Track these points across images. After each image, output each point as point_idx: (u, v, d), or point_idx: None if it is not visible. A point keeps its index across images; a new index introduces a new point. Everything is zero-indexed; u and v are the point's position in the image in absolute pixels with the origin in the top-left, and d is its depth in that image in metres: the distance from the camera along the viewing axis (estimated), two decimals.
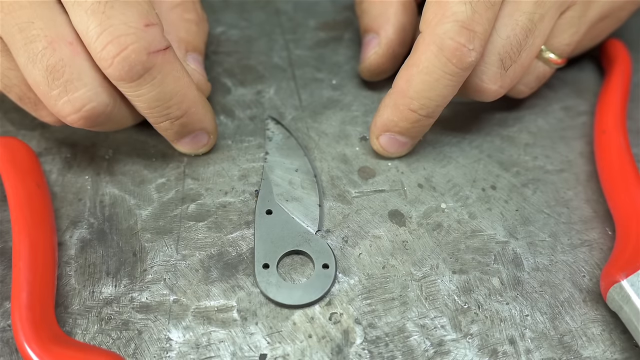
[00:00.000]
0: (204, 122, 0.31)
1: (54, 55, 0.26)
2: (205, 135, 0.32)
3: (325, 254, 0.28)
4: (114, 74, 0.26)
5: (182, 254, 0.29)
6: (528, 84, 0.33)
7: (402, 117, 0.30)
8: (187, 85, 0.28)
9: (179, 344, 0.26)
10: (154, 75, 0.26)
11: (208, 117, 0.31)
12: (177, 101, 0.28)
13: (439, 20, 0.27)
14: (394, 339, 0.26)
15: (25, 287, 0.25)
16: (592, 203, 0.32)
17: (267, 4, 0.43)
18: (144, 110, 0.28)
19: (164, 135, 0.31)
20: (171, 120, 0.29)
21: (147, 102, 0.27)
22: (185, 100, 0.28)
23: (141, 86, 0.27)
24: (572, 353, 0.26)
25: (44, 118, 0.30)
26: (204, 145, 0.32)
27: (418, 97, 0.29)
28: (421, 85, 0.29)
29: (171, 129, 0.30)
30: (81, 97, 0.27)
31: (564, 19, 0.31)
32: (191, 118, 0.30)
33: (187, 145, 0.32)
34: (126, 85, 0.26)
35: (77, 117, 0.27)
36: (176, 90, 0.28)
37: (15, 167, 0.29)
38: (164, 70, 0.27)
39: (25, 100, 0.29)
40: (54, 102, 0.27)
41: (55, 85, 0.26)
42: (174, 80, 0.27)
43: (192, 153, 0.32)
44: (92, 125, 0.28)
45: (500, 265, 0.29)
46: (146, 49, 0.26)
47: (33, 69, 0.26)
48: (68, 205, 0.31)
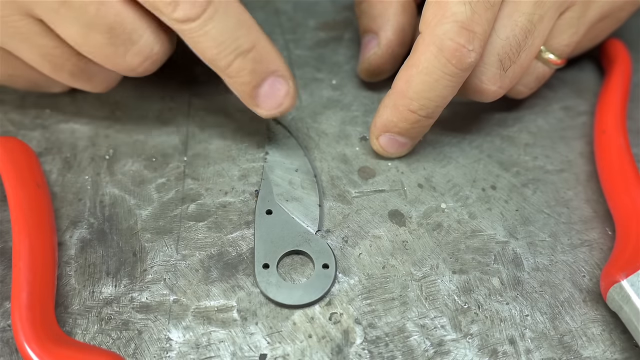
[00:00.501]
0: (277, 61, 0.29)
1: (109, 14, 0.26)
2: (282, 80, 0.29)
3: (325, 254, 0.29)
4: (179, 15, 0.26)
5: (182, 254, 0.29)
6: (527, 85, 0.33)
7: (401, 118, 0.30)
8: (250, 18, 0.28)
9: (179, 344, 0.26)
10: (216, 7, 0.26)
11: (279, 57, 0.29)
12: (244, 33, 0.27)
13: (439, 21, 0.27)
14: (394, 339, 0.26)
15: (25, 287, 0.25)
16: (592, 203, 0.32)
17: (267, 4, 0.43)
18: (214, 50, 0.27)
19: (239, 88, 0.29)
20: (243, 54, 0.28)
21: (215, 37, 0.27)
22: (252, 32, 0.28)
23: (207, 22, 0.26)
24: (572, 353, 0.26)
25: (98, 86, 0.31)
26: (285, 95, 0.29)
27: (418, 98, 0.29)
28: (421, 86, 0.29)
29: (245, 68, 0.28)
30: (147, 43, 0.28)
31: (563, 19, 0.31)
32: (262, 52, 0.28)
33: (268, 99, 0.29)
34: (193, 24, 0.26)
35: (148, 64, 0.28)
36: (241, 20, 0.27)
37: (15, 167, 0.29)
38: (225, 1, 0.27)
39: (78, 74, 0.30)
40: (122, 58, 0.28)
41: (119, 41, 0.27)
42: (236, 12, 0.27)
43: (276, 112, 0.30)
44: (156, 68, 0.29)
45: (500, 265, 0.29)
46: None
47: (91, 34, 0.27)
48: (68, 205, 0.31)
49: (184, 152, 0.33)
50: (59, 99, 0.35)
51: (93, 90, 0.31)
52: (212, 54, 0.28)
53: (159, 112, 0.35)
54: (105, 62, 0.28)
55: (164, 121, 0.35)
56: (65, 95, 0.35)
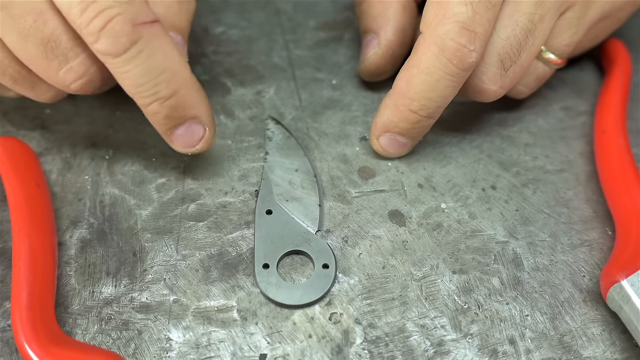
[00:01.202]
0: (197, 108, 0.28)
1: (47, 27, 0.25)
2: (199, 126, 0.29)
3: (325, 254, 0.29)
4: (100, 49, 0.25)
5: (182, 254, 0.29)
6: (528, 85, 0.33)
7: (402, 118, 0.30)
8: (178, 63, 0.27)
9: (179, 344, 0.26)
10: (140, 48, 0.25)
11: (202, 103, 0.28)
12: (165, 78, 0.26)
13: (440, 21, 0.27)
14: (394, 339, 0.26)
15: (25, 287, 0.25)
16: (592, 203, 0.32)
17: (267, 4, 0.43)
18: (132, 90, 0.26)
19: (155, 124, 0.28)
20: (160, 100, 0.27)
21: (135, 78, 0.26)
22: (175, 79, 0.27)
23: (128, 61, 0.25)
24: (572, 353, 0.26)
25: (41, 96, 0.29)
26: (200, 140, 0.29)
27: (418, 98, 0.29)
28: (421, 86, 0.29)
29: (160, 112, 0.27)
30: (83, 62, 0.27)
31: (564, 19, 0.31)
32: (182, 100, 0.27)
33: (182, 139, 0.29)
34: (113, 60, 0.25)
35: (81, 83, 0.27)
36: (165, 66, 0.26)
37: (15, 167, 0.29)
38: (151, 43, 0.25)
39: (21, 81, 0.28)
40: (55, 72, 0.26)
41: (53, 55, 0.26)
42: (163, 56, 0.26)
43: (189, 151, 0.29)
44: (93, 90, 0.28)
45: (500, 265, 0.29)
46: (131, 21, 0.25)
47: (27, 44, 0.26)
48: (68, 205, 0.31)
49: None
50: None
51: (37, 99, 0.30)
52: (130, 91, 0.27)
53: None
54: (41, 74, 0.27)
55: None
56: None
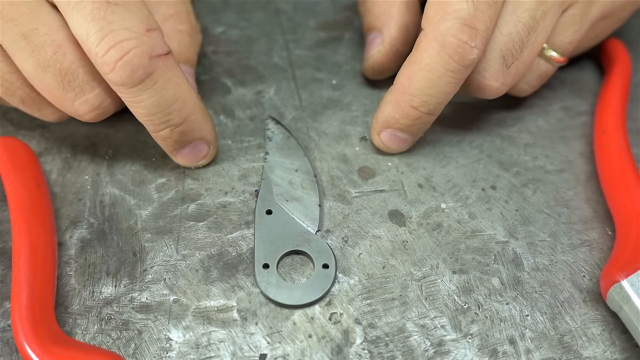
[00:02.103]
0: (204, 130, 0.30)
1: (66, 60, 0.26)
2: (205, 145, 0.31)
3: (325, 254, 0.29)
4: (115, 79, 0.26)
5: (182, 254, 0.29)
6: (530, 82, 0.33)
7: (403, 114, 0.30)
8: (188, 92, 0.28)
9: (179, 344, 0.26)
10: (155, 80, 0.26)
11: (208, 126, 0.30)
12: (177, 107, 0.28)
13: (441, 18, 0.27)
14: (394, 339, 0.26)
15: (25, 287, 0.25)
16: (592, 203, 0.32)
17: (267, 4, 0.43)
18: (144, 117, 0.28)
19: (162, 145, 0.30)
20: (171, 127, 0.28)
21: (148, 107, 0.27)
22: (186, 107, 0.28)
23: (142, 91, 0.26)
24: (572, 353, 0.26)
25: (47, 117, 0.30)
26: (204, 157, 0.31)
27: (419, 94, 0.29)
28: (423, 82, 0.29)
29: (170, 138, 0.29)
30: (98, 96, 0.27)
31: (566, 16, 0.31)
32: (191, 126, 0.29)
33: (187, 156, 0.31)
34: (127, 90, 0.26)
35: (95, 115, 0.28)
36: (177, 96, 0.27)
37: (15, 167, 0.29)
38: (165, 75, 0.26)
39: (29, 103, 0.29)
40: (70, 103, 0.27)
41: (70, 87, 0.27)
42: (175, 86, 0.27)
43: (192, 166, 0.32)
44: (103, 118, 0.29)
45: (500, 265, 0.29)
46: (148, 54, 0.25)
47: (44, 75, 0.26)
48: (68, 205, 0.31)
49: None
50: None
51: (43, 118, 0.30)
52: (141, 119, 0.28)
53: None
54: (53, 101, 0.28)
55: None
56: None
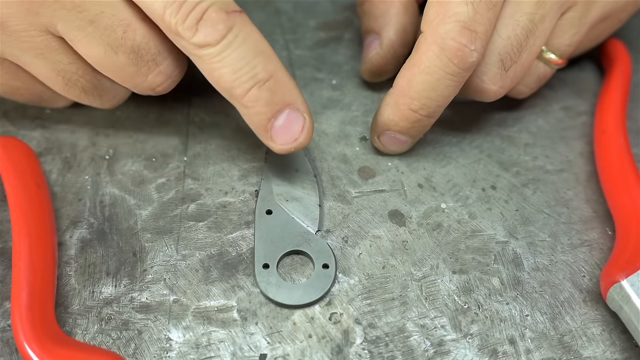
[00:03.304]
0: (293, 93, 0.28)
1: (137, 36, 0.27)
2: (298, 114, 0.28)
3: (325, 254, 0.29)
4: (199, 40, 0.26)
5: (182, 254, 0.29)
6: (529, 85, 0.33)
7: (402, 117, 0.30)
8: (269, 48, 0.27)
9: (179, 344, 0.26)
10: (236, 33, 0.26)
11: (296, 90, 0.28)
12: (261, 61, 0.27)
13: (441, 21, 0.27)
14: (394, 339, 0.26)
15: (25, 287, 0.25)
16: (592, 203, 0.32)
17: (267, 4, 0.43)
18: (231, 77, 0.27)
19: (254, 117, 0.28)
20: (259, 84, 0.27)
21: (233, 63, 0.26)
22: (270, 62, 0.27)
23: (226, 47, 0.26)
24: (572, 353, 0.26)
25: (106, 104, 0.31)
26: (301, 130, 0.28)
27: (419, 97, 0.29)
28: (422, 86, 0.29)
29: (261, 98, 0.27)
30: (170, 65, 0.28)
31: (565, 19, 0.31)
32: (278, 83, 0.27)
33: (283, 132, 0.28)
34: (211, 50, 0.26)
35: (168, 84, 0.29)
36: (259, 49, 0.27)
37: (15, 167, 0.29)
38: (245, 28, 0.27)
39: (90, 91, 0.30)
40: (144, 78, 0.28)
41: (143, 62, 0.28)
42: (256, 40, 0.27)
43: (291, 147, 0.28)
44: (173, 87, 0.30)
45: (500, 265, 0.29)
46: (224, 10, 0.26)
47: (116, 56, 0.27)
48: (68, 205, 0.31)
49: (184, 152, 0.33)
50: None
51: (102, 106, 0.31)
52: (228, 82, 0.27)
53: (159, 112, 0.35)
54: (125, 81, 0.28)
55: (164, 121, 0.35)
56: None
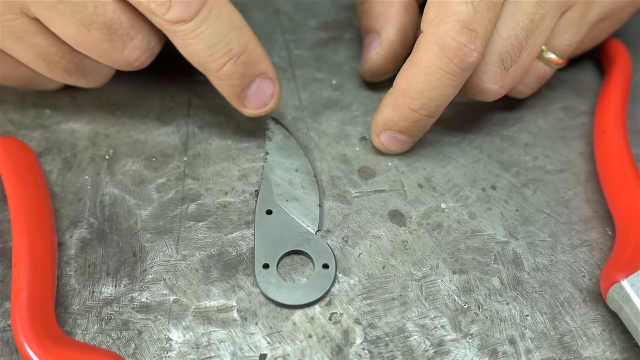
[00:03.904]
0: (264, 63, 0.30)
1: (108, 11, 0.27)
2: (269, 82, 0.30)
3: (325, 254, 0.29)
4: (173, 17, 0.26)
5: (182, 254, 0.29)
6: (529, 84, 0.33)
7: (402, 117, 0.30)
8: (242, 20, 0.28)
9: (179, 344, 0.26)
10: (209, 9, 0.27)
11: (267, 59, 0.30)
12: (235, 35, 0.28)
13: (441, 20, 0.27)
14: (394, 339, 0.26)
15: (25, 287, 0.25)
16: (592, 203, 0.32)
17: (267, 4, 0.43)
18: (205, 53, 0.28)
19: (228, 90, 0.30)
20: (234, 58, 0.28)
21: (207, 39, 0.27)
22: (243, 35, 0.28)
23: (200, 23, 0.27)
24: (572, 353, 0.26)
25: (91, 83, 0.31)
26: (271, 96, 0.30)
27: (419, 97, 0.29)
28: (422, 85, 0.29)
29: (235, 72, 0.29)
30: (145, 37, 0.28)
31: (565, 19, 0.31)
32: (252, 56, 0.29)
33: (255, 99, 0.30)
34: (185, 26, 0.26)
35: (145, 58, 0.29)
36: (233, 23, 0.28)
37: (15, 167, 0.29)
38: (218, 3, 0.27)
39: (72, 71, 0.30)
40: (119, 53, 0.28)
41: (117, 37, 0.27)
42: (229, 14, 0.27)
43: (262, 111, 0.31)
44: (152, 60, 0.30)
45: (500, 265, 0.29)
46: None
47: (89, 32, 0.27)
48: (68, 205, 0.31)
49: (184, 152, 0.33)
50: (59, 99, 0.35)
51: (87, 85, 0.31)
52: (203, 57, 0.28)
53: (159, 112, 0.35)
54: (102, 58, 0.28)
55: (164, 121, 0.35)
56: (65, 95, 0.35)
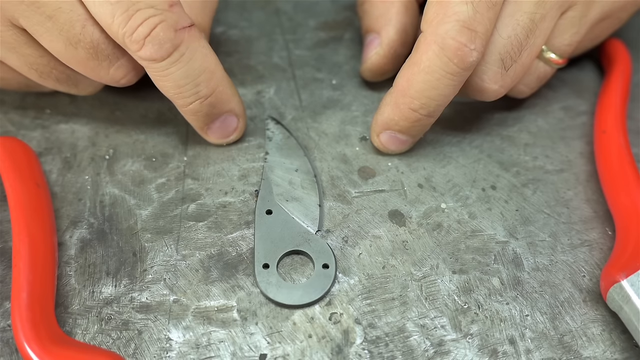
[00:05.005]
0: (232, 102, 0.31)
1: (95, 32, 0.27)
2: (234, 118, 0.31)
3: (325, 254, 0.29)
4: (145, 55, 0.26)
5: (182, 254, 0.29)
6: (529, 84, 0.33)
7: (402, 116, 0.30)
8: (214, 63, 0.29)
9: (179, 344, 0.26)
10: (182, 52, 0.27)
11: (236, 98, 0.31)
12: (205, 78, 0.28)
13: (441, 20, 0.27)
14: (394, 339, 0.26)
15: (25, 287, 0.25)
16: (592, 203, 0.32)
17: (267, 4, 0.43)
18: (173, 91, 0.28)
19: (192, 121, 0.31)
20: (200, 99, 0.29)
21: (176, 80, 0.28)
22: (214, 78, 0.29)
23: (171, 64, 0.27)
24: (572, 353, 0.26)
25: (84, 91, 0.31)
26: (234, 130, 0.32)
27: (419, 97, 0.29)
28: (422, 85, 0.29)
29: (200, 111, 0.30)
30: (131, 59, 0.29)
31: (565, 19, 0.31)
32: (219, 97, 0.30)
33: (218, 131, 0.31)
34: (156, 65, 0.27)
35: (130, 77, 0.29)
36: (204, 66, 0.28)
37: (15, 167, 0.29)
38: (191, 46, 0.27)
39: (64, 80, 0.30)
40: (106, 71, 0.28)
41: (103, 56, 0.28)
42: (202, 57, 0.28)
43: (223, 142, 0.32)
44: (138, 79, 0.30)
45: (500, 265, 0.29)
46: (173, 27, 0.26)
47: (76, 50, 0.27)
48: (68, 205, 0.31)
49: (184, 152, 0.33)
50: (59, 99, 0.35)
51: (80, 93, 0.32)
52: (171, 94, 0.29)
53: (159, 112, 0.35)
54: (89, 74, 0.29)
55: (164, 121, 0.35)
56: (65, 95, 0.35)
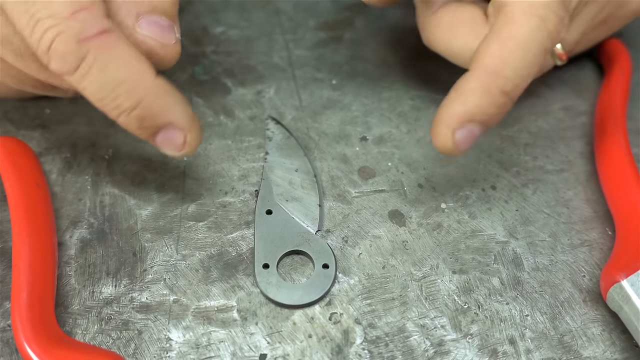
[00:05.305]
0: (169, 114, 0.25)
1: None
2: (176, 132, 0.26)
3: (325, 254, 0.29)
4: (54, 69, 0.24)
5: (182, 254, 0.29)
6: None
7: (492, 102, 0.26)
8: (138, 71, 0.25)
9: (179, 344, 0.26)
10: (90, 64, 0.24)
11: (175, 109, 0.26)
12: (124, 90, 0.24)
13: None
14: (394, 339, 0.26)
15: (25, 287, 0.25)
16: (592, 203, 0.32)
17: (267, 4, 0.43)
18: (96, 104, 0.25)
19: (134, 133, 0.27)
20: (125, 112, 0.25)
21: (94, 93, 0.24)
22: (136, 90, 0.24)
23: (82, 77, 0.24)
24: (572, 353, 0.26)
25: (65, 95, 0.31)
26: (181, 145, 0.26)
27: (514, 77, 0.25)
28: (519, 63, 0.25)
29: (130, 124, 0.25)
30: None
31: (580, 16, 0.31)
32: (148, 110, 0.25)
33: (164, 145, 0.27)
34: (70, 79, 0.24)
35: None
36: (122, 77, 0.24)
37: (15, 167, 0.29)
38: (102, 57, 0.24)
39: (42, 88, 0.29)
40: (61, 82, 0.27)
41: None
42: (117, 67, 0.24)
43: (178, 156, 0.27)
44: None
45: (500, 265, 0.29)
46: (75, 37, 0.23)
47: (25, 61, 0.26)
48: (68, 205, 0.31)
49: None
50: (59, 99, 0.35)
51: (63, 96, 0.31)
52: (97, 106, 0.25)
53: None
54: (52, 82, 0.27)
55: None
56: None
